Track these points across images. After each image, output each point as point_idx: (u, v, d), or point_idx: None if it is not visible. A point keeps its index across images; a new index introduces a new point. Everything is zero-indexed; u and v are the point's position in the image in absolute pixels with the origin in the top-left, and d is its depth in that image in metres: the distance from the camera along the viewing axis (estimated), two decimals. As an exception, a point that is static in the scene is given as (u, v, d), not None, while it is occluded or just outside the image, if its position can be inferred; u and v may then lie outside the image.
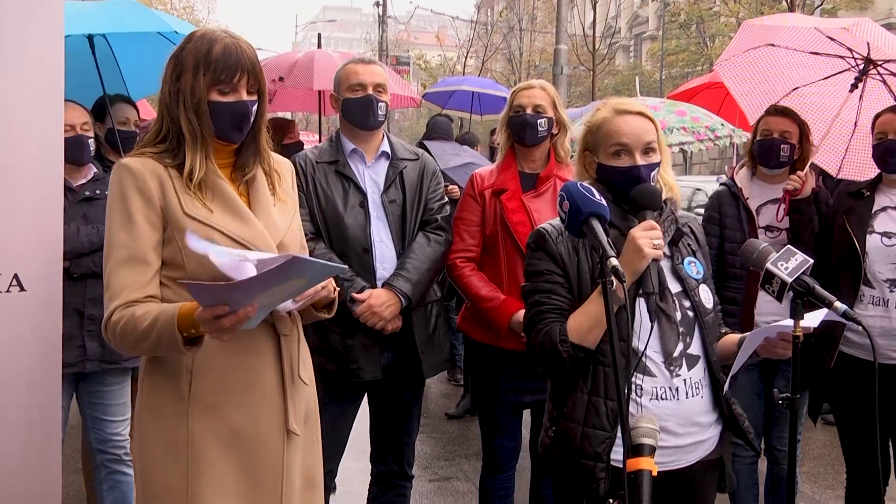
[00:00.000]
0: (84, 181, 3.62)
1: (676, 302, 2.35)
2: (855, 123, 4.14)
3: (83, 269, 3.44)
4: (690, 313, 2.37)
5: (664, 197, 2.43)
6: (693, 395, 2.33)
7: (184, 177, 2.15)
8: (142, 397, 2.21)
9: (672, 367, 2.31)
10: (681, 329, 2.34)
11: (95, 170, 3.71)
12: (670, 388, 2.30)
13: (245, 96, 2.19)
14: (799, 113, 4.00)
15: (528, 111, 3.45)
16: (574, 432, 2.30)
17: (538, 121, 3.44)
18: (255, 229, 2.19)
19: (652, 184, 2.37)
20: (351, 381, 3.30)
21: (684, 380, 2.32)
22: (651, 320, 2.28)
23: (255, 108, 2.22)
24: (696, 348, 2.36)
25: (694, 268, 2.43)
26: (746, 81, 4.47)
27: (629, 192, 2.35)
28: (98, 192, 3.62)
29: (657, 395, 2.29)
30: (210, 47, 2.15)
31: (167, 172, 2.16)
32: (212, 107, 2.15)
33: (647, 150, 2.36)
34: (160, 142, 2.20)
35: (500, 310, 3.33)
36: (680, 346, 2.33)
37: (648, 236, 2.23)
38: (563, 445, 2.33)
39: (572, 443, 2.30)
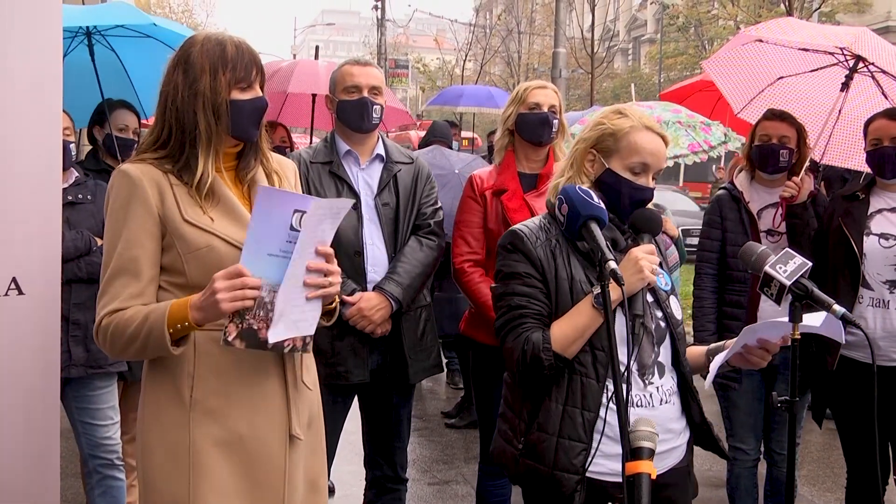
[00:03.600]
0: (66, 185, 3.60)
1: (651, 313, 2.34)
2: (839, 111, 4.15)
3: (68, 275, 3.40)
4: (662, 323, 2.36)
5: None
6: (666, 402, 2.33)
7: (192, 184, 2.14)
8: (144, 402, 2.21)
9: (645, 376, 2.30)
10: (654, 338, 2.33)
11: (77, 174, 3.70)
12: (644, 396, 2.29)
13: (260, 92, 2.21)
14: (784, 102, 4.00)
15: (546, 109, 3.44)
16: (547, 444, 2.25)
17: (554, 121, 3.44)
18: None
19: (652, 208, 2.38)
20: (339, 383, 3.29)
21: (657, 387, 2.31)
22: (633, 341, 2.24)
23: (266, 104, 2.24)
24: (665, 357, 2.35)
25: (663, 279, 2.40)
26: (733, 75, 4.49)
27: (630, 212, 2.34)
28: (80, 196, 3.61)
29: (633, 403, 2.27)
30: (223, 48, 2.16)
31: (167, 179, 2.15)
32: (233, 106, 2.16)
33: (657, 173, 2.38)
34: (160, 147, 2.19)
35: None
36: (652, 356, 2.32)
37: (649, 259, 2.24)
38: (535, 457, 2.27)
39: (545, 455, 2.24)
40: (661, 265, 2.45)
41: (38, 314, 2.82)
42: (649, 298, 2.35)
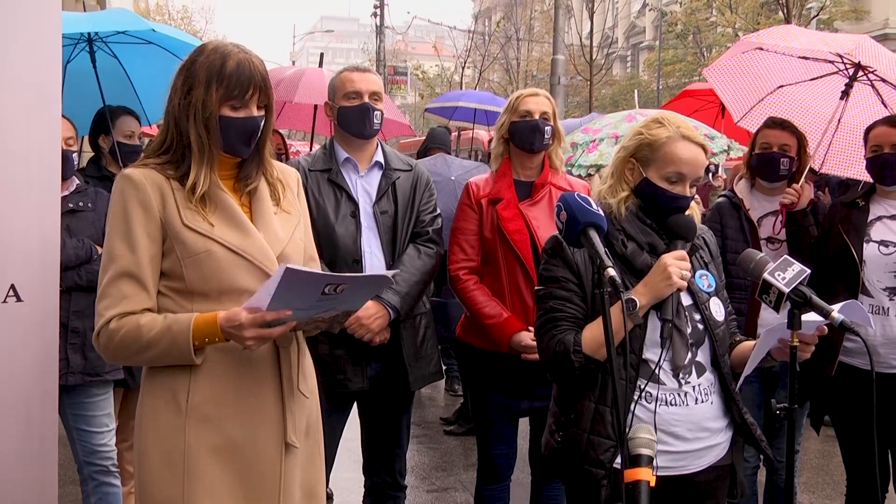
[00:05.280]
0: (67, 193, 3.59)
1: (687, 316, 2.39)
2: (839, 120, 4.16)
3: (69, 283, 3.41)
4: (700, 326, 2.41)
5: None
6: (702, 401, 2.38)
7: (186, 190, 2.15)
8: (141, 406, 2.21)
9: (680, 376, 2.35)
10: (690, 341, 2.38)
11: (78, 182, 3.71)
12: (679, 395, 2.34)
13: (255, 112, 2.19)
14: (784, 111, 4.00)
15: (537, 117, 3.45)
16: (580, 439, 2.35)
17: (546, 127, 3.44)
18: (255, 241, 2.18)
19: (688, 215, 2.42)
20: (338, 391, 3.28)
21: (693, 386, 2.37)
22: (663, 344, 2.31)
23: (262, 122, 2.23)
24: (704, 357, 2.40)
25: (705, 281, 2.46)
26: (733, 83, 4.51)
27: (666, 217, 2.39)
28: (81, 204, 3.62)
29: (666, 401, 2.33)
30: (223, 62, 2.15)
31: (169, 184, 2.16)
32: (222, 122, 2.15)
33: (696, 181, 2.42)
34: (163, 152, 2.20)
35: (502, 328, 3.33)
36: (689, 356, 2.37)
37: (679, 265, 2.29)
38: (569, 451, 2.38)
39: (578, 449, 2.35)
40: (707, 266, 2.50)
41: (36, 321, 2.81)
42: (686, 301, 2.41)
